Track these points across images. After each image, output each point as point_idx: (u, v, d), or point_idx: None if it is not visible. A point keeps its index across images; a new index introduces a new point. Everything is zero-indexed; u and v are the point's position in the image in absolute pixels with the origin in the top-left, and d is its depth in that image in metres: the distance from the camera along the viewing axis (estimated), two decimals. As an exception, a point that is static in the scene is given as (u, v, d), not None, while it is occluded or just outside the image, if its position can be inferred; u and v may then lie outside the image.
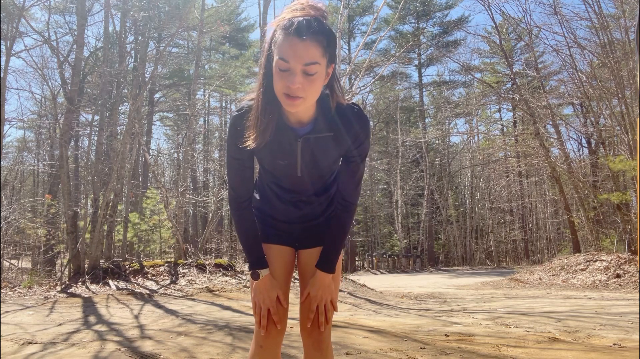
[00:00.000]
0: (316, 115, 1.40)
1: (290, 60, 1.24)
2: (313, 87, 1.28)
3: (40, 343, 3.85)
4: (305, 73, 1.25)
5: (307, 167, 1.45)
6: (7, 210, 13.00)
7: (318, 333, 1.51)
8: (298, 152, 1.42)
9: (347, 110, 1.40)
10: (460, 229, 33.38)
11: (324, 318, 1.50)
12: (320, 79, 1.29)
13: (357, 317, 5.30)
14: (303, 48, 1.23)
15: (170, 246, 13.78)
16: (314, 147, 1.41)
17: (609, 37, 13.59)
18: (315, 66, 1.25)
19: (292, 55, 1.23)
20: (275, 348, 1.52)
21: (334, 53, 1.32)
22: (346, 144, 1.41)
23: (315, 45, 1.24)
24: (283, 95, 1.28)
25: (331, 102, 1.39)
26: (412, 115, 34.17)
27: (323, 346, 1.51)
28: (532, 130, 17.27)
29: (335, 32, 12.29)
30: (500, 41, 20.41)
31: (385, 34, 17.25)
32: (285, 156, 1.43)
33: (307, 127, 1.41)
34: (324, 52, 1.26)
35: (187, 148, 12.06)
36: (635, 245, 11.94)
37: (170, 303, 6.38)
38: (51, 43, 11.01)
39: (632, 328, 4.24)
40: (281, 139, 1.40)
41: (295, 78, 1.24)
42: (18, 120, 22.46)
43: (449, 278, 17.74)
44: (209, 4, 20.21)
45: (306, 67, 1.24)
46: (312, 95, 1.30)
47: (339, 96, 1.40)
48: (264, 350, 1.50)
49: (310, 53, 1.24)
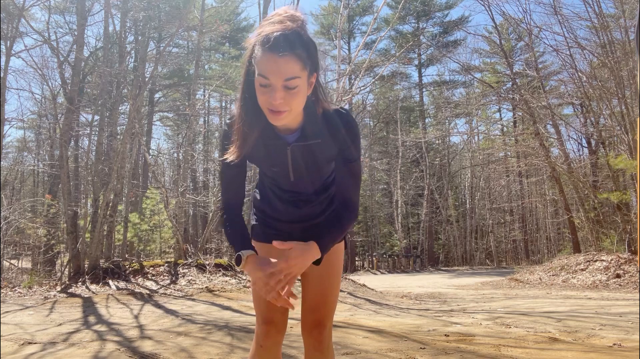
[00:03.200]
0: (304, 122, 1.40)
1: (270, 77, 1.24)
2: (296, 100, 1.28)
3: (40, 343, 3.85)
4: (287, 88, 1.25)
5: (299, 171, 1.46)
6: (7, 210, 13.00)
7: (319, 332, 1.51)
8: (289, 159, 1.43)
9: (333, 115, 1.40)
10: (460, 229, 33.37)
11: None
12: (302, 92, 1.29)
13: (357, 317, 5.30)
14: (282, 64, 1.23)
15: (170, 246, 13.79)
16: (303, 153, 1.42)
17: (609, 37, 13.59)
18: (296, 80, 1.25)
19: (272, 72, 1.23)
20: (275, 347, 1.51)
21: (315, 62, 1.31)
22: (334, 148, 1.42)
23: (294, 60, 1.24)
24: (267, 110, 1.29)
25: (317, 108, 1.39)
26: (412, 115, 34.16)
27: (324, 346, 1.51)
28: (532, 130, 17.27)
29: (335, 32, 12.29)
30: (500, 41, 20.41)
31: (385, 34, 17.27)
32: (277, 163, 1.45)
33: (295, 134, 1.42)
34: (303, 65, 1.26)
35: (187, 148, 12.07)
36: (635, 245, 11.93)
37: (170, 303, 6.37)
38: (51, 43, 11.00)
39: (632, 328, 4.24)
40: (271, 147, 1.42)
41: (277, 94, 1.25)
42: (18, 120, 22.47)
43: (449, 278, 17.74)
44: (208, 4, 20.21)
45: (287, 82, 1.24)
46: (296, 107, 1.31)
47: (324, 102, 1.40)
48: (264, 350, 1.49)
49: (289, 68, 1.23)
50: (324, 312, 1.55)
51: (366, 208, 31.31)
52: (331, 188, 1.54)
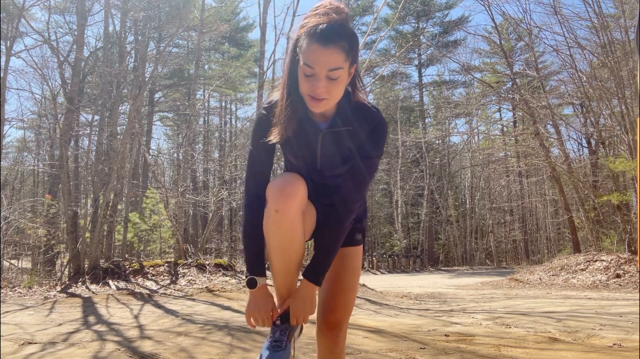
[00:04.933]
0: (338, 110, 1.44)
1: (314, 67, 1.29)
2: (336, 90, 1.34)
3: (40, 343, 3.85)
4: (329, 78, 1.30)
5: (326, 159, 1.49)
6: (7, 210, 13.00)
7: (335, 334, 1.51)
8: (319, 145, 1.46)
9: (367, 108, 1.45)
10: (460, 229, 33.37)
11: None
12: (343, 82, 1.34)
13: (357, 317, 5.30)
14: (327, 55, 1.28)
15: (170, 246, 13.78)
16: (334, 140, 1.46)
17: (609, 37, 13.59)
18: (339, 71, 1.30)
19: (316, 62, 1.28)
20: (295, 210, 1.38)
21: (356, 53, 1.36)
22: (363, 139, 1.45)
23: (339, 52, 1.29)
24: (308, 97, 1.34)
25: (351, 97, 1.44)
26: (412, 115, 34.16)
27: (338, 349, 1.51)
28: (532, 130, 17.26)
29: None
30: (500, 41, 20.41)
31: (385, 34, 17.29)
32: (307, 149, 1.48)
33: (329, 122, 1.46)
34: (346, 56, 1.31)
35: (187, 148, 12.06)
36: (635, 245, 11.94)
37: (170, 303, 6.37)
38: (51, 43, 11.00)
39: (632, 328, 4.24)
40: (304, 132, 1.45)
41: (320, 83, 1.30)
42: (18, 120, 22.44)
43: (449, 278, 17.74)
44: (208, 4, 20.22)
45: (330, 73, 1.30)
46: (336, 96, 1.36)
47: (359, 92, 1.44)
48: (280, 214, 1.35)
49: (333, 60, 1.29)
50: (343, 313, 1.56)
51: (366, 208, 31.25)
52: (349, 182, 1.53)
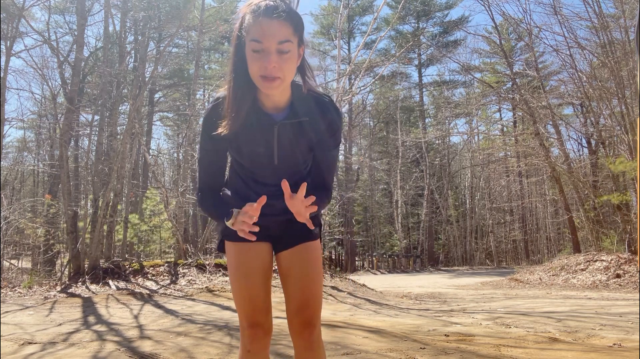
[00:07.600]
0: (291, 101, 1.42)
1: (263, 40, 1.27)
2: (287, 67, 1.31)
3: (40, 343, 3.85)
4: (280, 52, 1.28)
5: (284, 153, 1.45)
6: (7, 210, 13.00)
7: (309, 333, 1.47)
8: (275, 138, 1.42)
9: (321, 98, 1.43)
10: (460, 229, 33.37)
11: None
12: (293, 58, 1.32)
13: (357, 317, 5.29)
14: (275, 26, 1.27)
15: (170, 246, 13.79)
16: (290, 132, 1.42)
17: (609, 37, 13.59)
18: (288, 44, 1.29)
19: (265, 35, 1.27)
20: (263, 351, 1.49)
21: (302, 35, 1.35)
22: (320, 130, 1.43)
23: (286, 24, 1.28)
24: (260, 78, 1.31)
25: (303, 85, 1.42)
26: (412, 115, 34.15)
27: (315, 346, 1.48)
28: (532, 130, 17.26)
29: (335, 32, 12.32)
30: (500, 41, 20.42)
31: (385, 34, 17.22)
32: (263, 143, 1.43)
33: (283, 113, 1.42)
34: (294, 30, 1.30)
35: (187, 148, 12.07)
36: (635, 245, 11.93)
37: (170, 303, 6.37)
38: (51, 43, 11.01)
39: (632, 328, 4.24)
40: (258, 125, 1.41)
41: (271, 57, 1.28)
42: (18, 120, 22.45)
43: (449, 278, 17.74)
44: (208, 4, 20.22)
45: (280, 46, 1.28)
46: (288, 74, 1.33)
47: (310, 80, 1.42)
48: (252, 355, 1.46)
49: (282, 31, 1.28)
50: (312, 311, 1.49)
51: (366, 208, 31.30)
52: (307, 179, 1.51)
